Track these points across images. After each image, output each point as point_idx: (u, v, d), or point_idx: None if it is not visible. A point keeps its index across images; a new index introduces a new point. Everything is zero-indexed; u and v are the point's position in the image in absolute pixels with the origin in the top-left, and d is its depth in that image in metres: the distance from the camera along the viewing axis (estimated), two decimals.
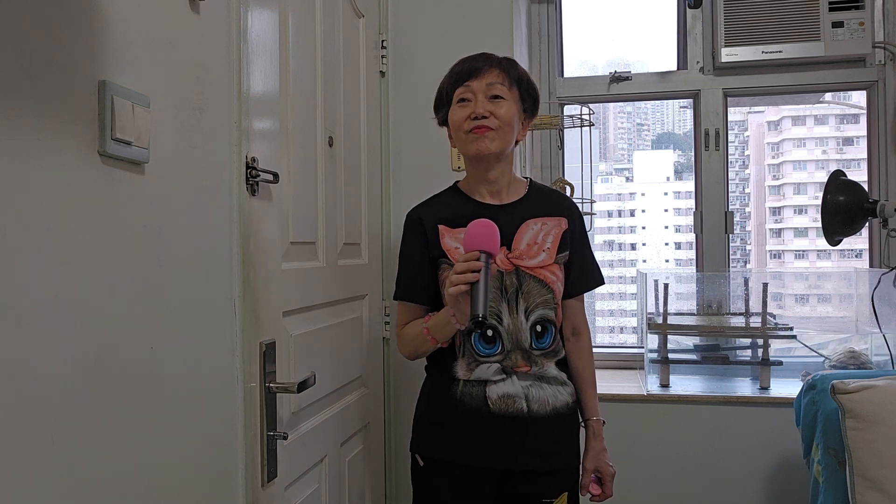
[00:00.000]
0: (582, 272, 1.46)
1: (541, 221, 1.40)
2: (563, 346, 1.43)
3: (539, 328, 1.37)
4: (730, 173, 2.29)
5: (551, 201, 1.45)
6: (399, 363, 1.94)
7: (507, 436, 1.35)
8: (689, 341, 2.23)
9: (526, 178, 1.50)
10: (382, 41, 1.94)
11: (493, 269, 1.27)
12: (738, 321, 2.19)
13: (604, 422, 1.47)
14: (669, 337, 2.14)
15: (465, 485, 1.37)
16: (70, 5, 0.77)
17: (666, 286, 2.13)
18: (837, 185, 1.86)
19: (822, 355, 2.06)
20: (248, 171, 1.16)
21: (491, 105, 1.34)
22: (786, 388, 2.02)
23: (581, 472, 1.45)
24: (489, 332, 1.36)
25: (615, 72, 2.30)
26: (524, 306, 1.36)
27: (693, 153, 2.32)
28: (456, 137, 1.39)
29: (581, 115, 2.15)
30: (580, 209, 1.50)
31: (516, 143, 1.41)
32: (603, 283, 1.51)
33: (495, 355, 1.35)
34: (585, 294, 1.52)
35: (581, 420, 1.47)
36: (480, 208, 1.40)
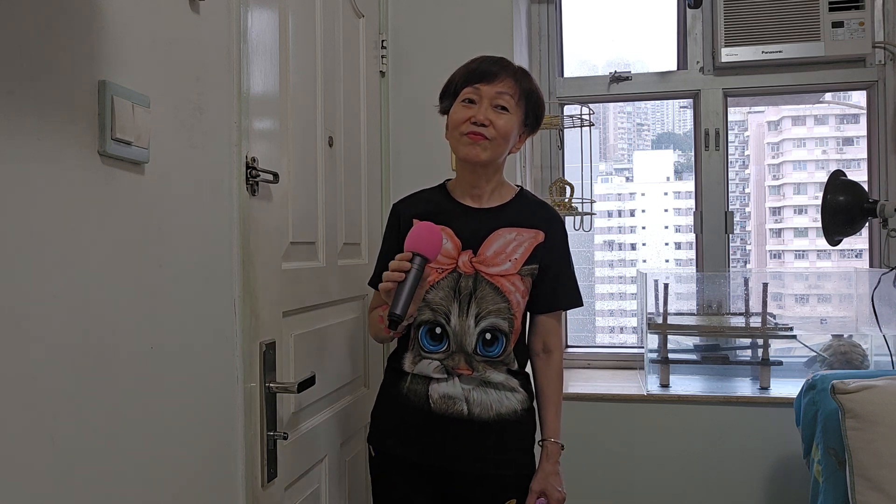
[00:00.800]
0: (555, 290, 1.41)
1: (515, 231, 1.38)
2: (515, 359, 1.38)
3: (489, 336, 1.35)
4: (730, 173, 2.29)
5: (533, 213, 1.41)
6: None
7: (447, 437, 1.34)
8: (689, 341, 2.23)
9: (518, 186, 1.47)
10: (382, 41, 1.94)
11: (430, 273, 1.28)
12: (738, 321, 2.19)
13: (562, 446, 1.41)
14: (669, 337, 2.14)
15: (411, 479, 1.39)
16: (70, 5, 0.77)
17: (666, 286, 2.13)
18: (837, 185, 1.86)
19: (822, 355, 2.06)
20: (248, 171, 1.16)
21: (493, 114, 1.32)
22: (786, 388, 2.02)
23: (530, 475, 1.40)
24: (437, 330, 1.36)
25: (615, 72, 2.30)
26: (475, 311, 1.35)
27: (693, 153, 2.32)
28: (451, 134, 1.38)
29: (581, 115, 2.15)
30: (580, 209, 1.50)
31: (510, 152, 1.40)
32: (579, 305, 1.46)
33: (438, 353, 1.36)
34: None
35: (539, 439, 1.43)
36: (457, 209, 1.40)
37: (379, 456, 1.43)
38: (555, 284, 1.41)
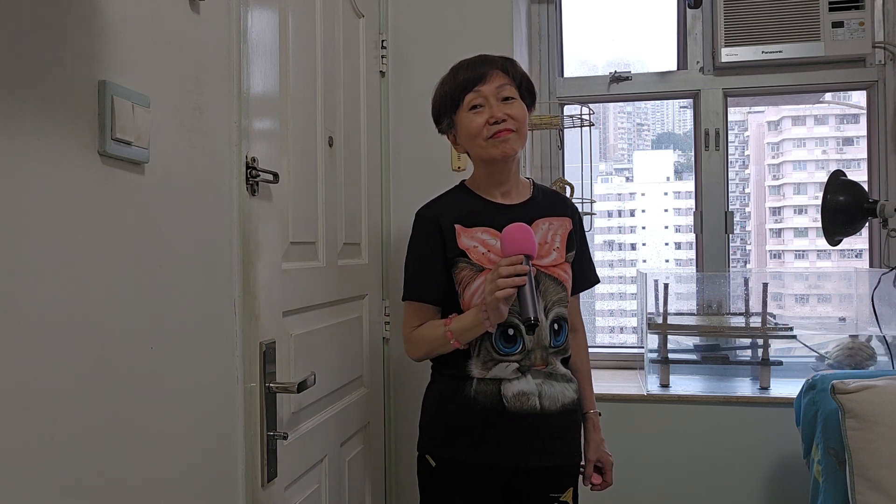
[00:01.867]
0: (583, 272, 1.50)
1: (548, 221, 1.42)
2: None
3: (556, 326, 1.39)
4: (730, 173, 2.29)
5: (555, 202, 1.48)
6: (399, 363, 1.94)
7: (519, 433, 1.35)
8: (689, 341, 2.23)
9: (528, 178, 1.50)
10: (382, 41, 1.94)
11: (533, 271, 1.28)
12: (738, 321, 2.19)
13: (600, 414, 1.51)
14: (669, 337, 2.14)
15: (475, 484, 1.37)
16: (70, 5, 0.77)
17: (666, 286, 2.13)
18: (837, 185, 1.86)
19: (822, 355, 2.06)
20: (248, 171, 1.16)
21: (505, 107, 1.34)
22: (786, 388, 2.02)
23: (583, 464, 1.47)
24: (510, 332, 1.36)
25: (615, 72, 2.30)
26: (543, 304, 1.37)
27: (693, 153, 2.32)
28: (473, 144, 1.37)
29: (581, 115, 2.15)
30: (580, 209, 1.52)
31: None
32: (598, 282, 1.56)
33: (515, 354, 1.36)
34: (583, 294, 1.56)
35: (581, 413, 1.49)
36: (497, 208, 1.41)
37: (440, 465, 1.40)
38: (581, 267, 1.49)
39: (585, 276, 1.51)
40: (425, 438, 1.43)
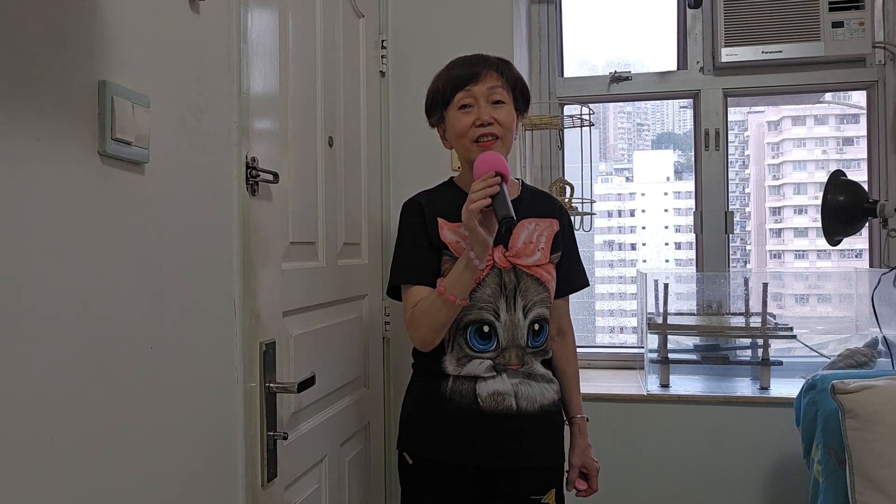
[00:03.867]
0: (569, 274, 1.48)
1: (534, 222, 1.42)
2: (550, 346, 1.45)
3: (536, 326, 1.39)
4: (730, 173, 2.29)
5: (543, 203, 1.47)
6: (399, 363, 1.94)
7: (495, 434, 1.34)
8: (689, 341, 2.23)
9: (518, 179, 1.50)
10: (382, 41, 1.94)
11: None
12: (738, 321, 2.19)
13: (587, 419, 1.49)
14: (669, 337, 2.14)
15: (452, 483, 1.37)
16: (70, 5, 0.77)
17: (666, 286, 2.13)
18: (837, 185, 1.86)
19: (822, 355, 2.06)
20: (248, 171, 1.16)
21: (494, 111, 1.34)
22: (786, 388, 2.02)
23: (567, 469, 1.46)
24: (485, 329, 1.35)
25: (615, 72, 2.30)
26: (522, 304, 1.37)
27: (693, 153, 2.32)
28: (458, 144, 1.38)
29: (581, 115, 2.15)
30: (580, 209, 1.51)
31: None
32: (588, 284, 1.53)
33: (489, 352, 1.35)
34: (582, 294, 1.55)
35: (566, 418, 1.48)
36: None
37: (417, 463, 1.40)
38: (569, 269, 1.48)
39: (572, 278, 1.49)
40: (403, 436, 1.44)
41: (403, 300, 1.40)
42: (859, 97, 2.27)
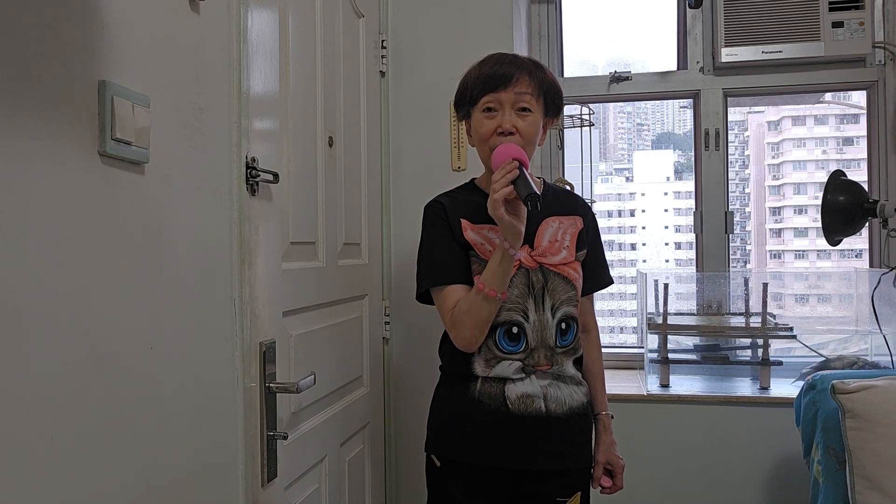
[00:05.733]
0: (595, 271, 1.47)
1: (558, 220, 1.41)
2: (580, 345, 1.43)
3: (563, 325, 1.37)
4: (730, 173, 2.29)
5: (566, 200, 1.46)
6: (399, 363, 1.94)
7: (524, 436, 1.33)
8: (689, 341, 2.23)
9: (539, 177, 1.48)
10: (382, 41, 1.94)
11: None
12: (738, 321, 2.19)
13: (612, 416, 1.49)
14: (669, 337, 2.14)
15: (480, 485, 1.36)
16: (70, 5, 0.77)
17: (666, 286, 2.13)
18: (837, 185, 1.86)
19: (822, 355, 2.06)
20: (248, 171, 1.16)
21: (517, 119, 1.32)
22: (786, 388, 2.02)
23: (592, 467, 1.45)
24: (514, 330, 1.34)
25: (615, 72, 2.30)
26: (550, 303, 1.35)
27: (693, 153, 2.32)
28: (480, 147, 1.37)
29: (581, 115, 2.15)
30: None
31: (538, 144, 1.40)
32: (612, 282, 1.52)
33: (518, 353, 1.34)
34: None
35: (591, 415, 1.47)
36: None
37: (445, 466, 1.39)
38: (594, 266, 1.47)
39: (598, 275, 1.48)
40: (431, 438, 1.43)
41: (439, 303, 1.36)
42: (859, 97, 2.27)
